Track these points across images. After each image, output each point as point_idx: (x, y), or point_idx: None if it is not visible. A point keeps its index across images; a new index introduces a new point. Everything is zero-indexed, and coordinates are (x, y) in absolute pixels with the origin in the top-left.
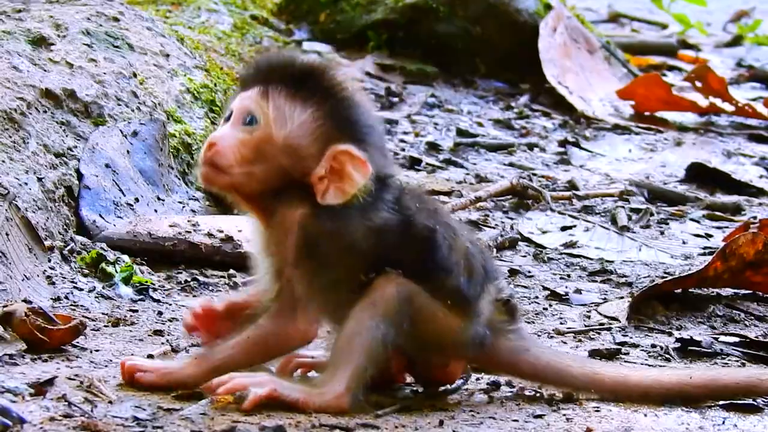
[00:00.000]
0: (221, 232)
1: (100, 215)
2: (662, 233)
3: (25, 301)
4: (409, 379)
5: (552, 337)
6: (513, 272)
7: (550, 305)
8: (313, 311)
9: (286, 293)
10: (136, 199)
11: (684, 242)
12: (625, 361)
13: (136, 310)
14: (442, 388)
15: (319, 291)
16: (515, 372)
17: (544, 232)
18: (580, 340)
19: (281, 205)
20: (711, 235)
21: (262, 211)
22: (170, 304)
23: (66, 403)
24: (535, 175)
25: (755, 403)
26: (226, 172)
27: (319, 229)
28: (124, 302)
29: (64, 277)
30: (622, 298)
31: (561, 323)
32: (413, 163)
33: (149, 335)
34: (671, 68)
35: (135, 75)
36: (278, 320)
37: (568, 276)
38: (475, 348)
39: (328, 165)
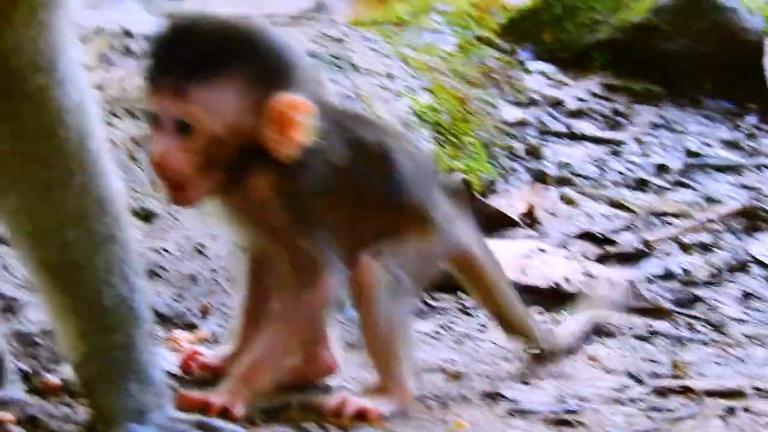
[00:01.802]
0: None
1: None
2: None
3: None
4: None
5: None
6: (746, 295)
7: None
8: (327, 260)
9: (294, 260)
10: None
11: None
12: None
13: None
14: None
15: (321, 240)
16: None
17: None
18: None
19: (249, 181)
20: None
21: (232, 194)
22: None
23: (297, 428)
24: (765, 196)
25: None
26: (189, 185)
27: (291, 187)
28: (354, 325)
29: None
30: None
31: None
32: (641, 185)
33: None
34: None
35: (359, 96)
36: (301, 289)
37: None
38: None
39: (270, 122)
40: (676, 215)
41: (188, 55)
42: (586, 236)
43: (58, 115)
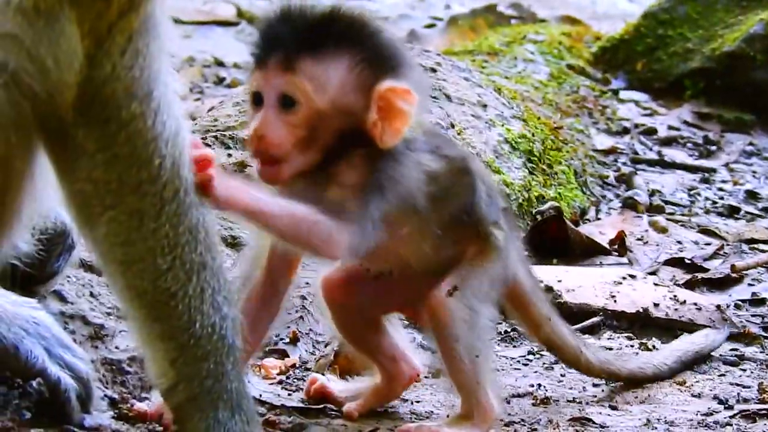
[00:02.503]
0: (541, 282)
1: None
2: None
3: None
4: None
5: None
6: None
7: None
8: (359, 235)
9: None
10: None
11: None
12: None
13: None
14: None
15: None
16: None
17: None
18: None
19: (342, 166)
20: None
21: (319, 179)
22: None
23: None
24: None
25: None
26: (285, 161)
27: (382, 174)
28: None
29: None
30: None
31: None
32: (732, 212)
33: None
34: None
35: (453, 125)
36: (327, 217)
37: None
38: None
39: (376, 107)
40: (765, 242)
41: (298, 32)
42: (676, 263)
43: (153, 144)
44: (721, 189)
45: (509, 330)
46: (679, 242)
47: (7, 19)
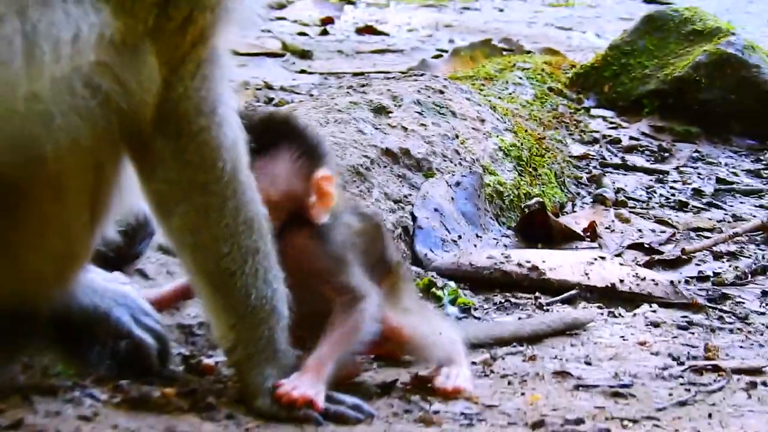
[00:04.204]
0: (528, 262)
1: (431, 249)
2: None
3: None
4: None
5: None
6: (765, 293)
7: None
8: (366, 286)
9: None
10: (459, 236)
11: None
12: None
13: None
14: None
15: (356, 273)
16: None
17: None
18: None
19: (291, 233)
20: None
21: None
22: (488, 321)
23: (406, 401)
24: None
25: None
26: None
27: (325, 240)
28: (451, 319)
29: None
30: None
31: None
32: (681, 206)
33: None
34: None
35: (457, 136)
36: (355, 307)
37: None
38: None
39: (315, 191)
40: (709, 230)
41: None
42: (637, 247)
43: (216, 152)
44: (672, 187)
45: (503, 301)
46: (640, 230)
47: (102, 51)
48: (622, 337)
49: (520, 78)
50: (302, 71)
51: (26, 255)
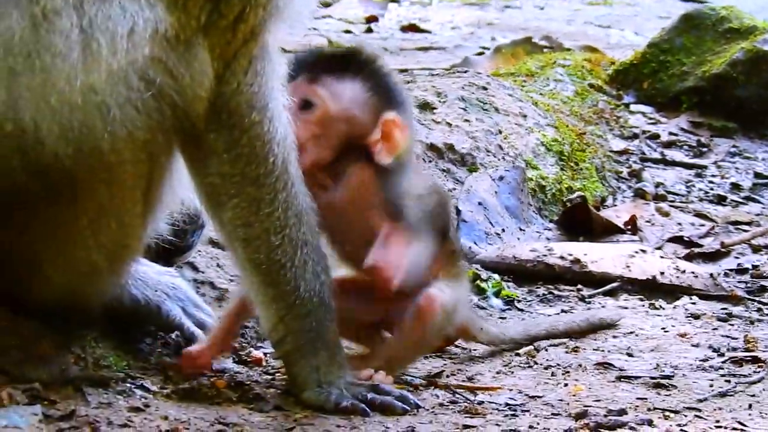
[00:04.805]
0: (570, 255)
1: (475, 243)
2: None
3: None
4: None
5: None
6: None
7: None
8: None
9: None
10: (503, 230)
11: None
12: None
13: (505, 317)
14: None
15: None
16: None
17: None
18: None
19: (352, 168)
20: None
21: (333, 176)
22: (531, 313)
23: (451, 392)
24: None
25: None
26: (304, 150)
27: (385, 181)
28: (495, 311)
29: None
30: None
31: None
32: (720, 200)
33: None
34: None
35: (500, 132)
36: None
37: None
38: None
39: (379, 130)
40: (747, 223)
41: (325, 59)
42: (677, 240)
43: (268, 145)
44: (711, 182)
45: (546, 293)
46: (679, 224)
47: (156, 45)
48: (663, 328)
49: (561, 75)
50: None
51: (81, 246)
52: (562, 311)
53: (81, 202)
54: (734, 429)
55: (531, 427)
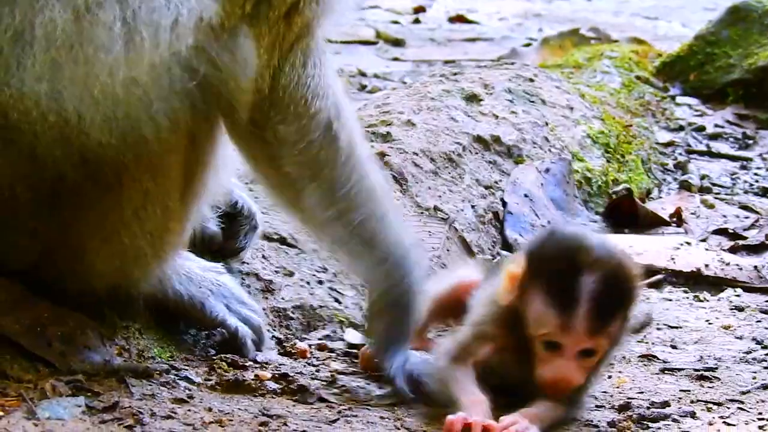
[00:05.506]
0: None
1: (520, 234)
2: None
3: None
4: None
5: None
6: None
7: None
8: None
9: None
10: (548, 222)
11: None
12: None
13: None
14: None
15: None
16: None
17: None
18: None
19: None
20: None
21: None
22: None
23: None
24: None
25: None
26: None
27: None
28: None
29: None
30: None
31: None
32: (765, 192)
33: None
34: None
35: (547, 124)
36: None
37: None
38: None
39: None
40: None
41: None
42: (722, 232)
43: (334, 128)
44: (756, 174)
45: None
46: (724, 216)
47: (200, 34)
48: (707, 320)
49: (608, 66)
50: (395, 59)
51: (126, 234)
52: None
53: (125, 190)
54: None
55: (574, 419)
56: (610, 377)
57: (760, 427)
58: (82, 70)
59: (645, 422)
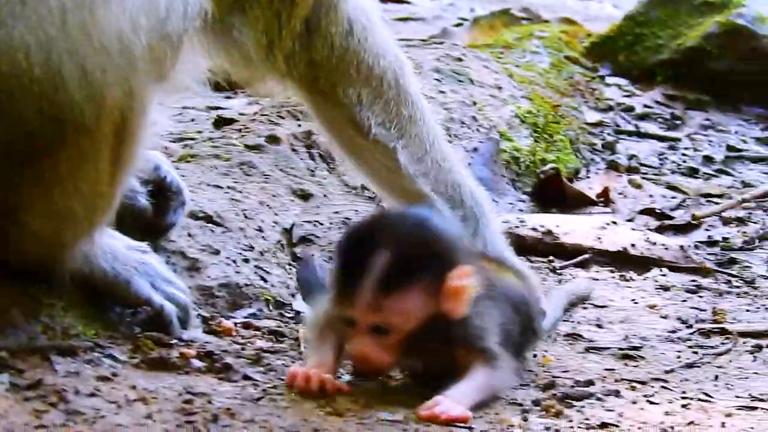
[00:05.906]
0: (543, 227)
1: None
2: None
3: None
4: None
5: None
6: None
7: None
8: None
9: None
10: None
11: None
12: None
13: None
14: None
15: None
16: None
17: None
18: None
19: (443, 348)
20: None
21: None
22: None
23: None
24: None
25: None
26: (383, 370)
27: (472, 330)
28: None
29: None
30: None
31: None
32: (692, 172)
33: None
34: None
35: (475, 103)
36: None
37: None
38: None
39: (446, 297)
40: (718, 196)
41: (379, 274)
42: (649, 212)
43: (403, 86)
44: (684, 154)
45: None
46: (651, 196)
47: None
48: (633, 300)
49: (537, 47)
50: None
51: (59, 192)
52: None
53: (66, 149)
54: (700, 400)
55: (498, 397)
56: (535, 356)
57: (683, 406)
58: (87, 18)
59: (569, 401)
